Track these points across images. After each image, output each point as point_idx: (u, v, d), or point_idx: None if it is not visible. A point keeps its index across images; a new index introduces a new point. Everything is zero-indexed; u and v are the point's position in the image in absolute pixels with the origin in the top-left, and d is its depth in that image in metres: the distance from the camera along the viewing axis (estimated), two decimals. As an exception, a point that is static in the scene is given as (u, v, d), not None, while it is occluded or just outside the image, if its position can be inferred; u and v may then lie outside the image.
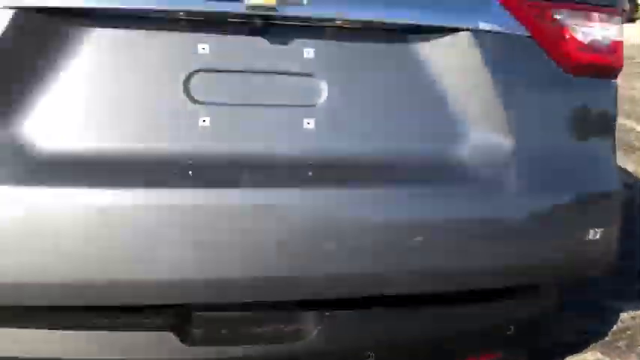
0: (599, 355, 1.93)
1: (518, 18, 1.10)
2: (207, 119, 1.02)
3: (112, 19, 1.00)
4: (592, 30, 1.15)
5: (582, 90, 1.17)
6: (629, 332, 2.10)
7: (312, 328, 1.13)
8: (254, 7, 0.96)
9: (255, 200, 0.95)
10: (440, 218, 1.03)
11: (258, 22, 1.01)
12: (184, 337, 1.05)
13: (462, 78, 1.11)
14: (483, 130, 1.11)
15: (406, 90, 1.12)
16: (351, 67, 1.10)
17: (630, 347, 2.00)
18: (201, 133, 1.01)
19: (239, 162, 1.01)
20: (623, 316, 2.21)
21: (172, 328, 1.05)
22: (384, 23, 1.09)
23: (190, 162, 0.98)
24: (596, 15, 1.16)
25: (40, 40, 0.96)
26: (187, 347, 1.04)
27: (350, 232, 0.98)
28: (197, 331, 1.08)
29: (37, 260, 0.89)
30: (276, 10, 0.97)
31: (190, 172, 0.97)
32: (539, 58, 1.13)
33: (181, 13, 0.99)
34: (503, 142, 1.11)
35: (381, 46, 1.11)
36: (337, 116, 1.08)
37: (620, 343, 2.01)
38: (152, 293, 0.94)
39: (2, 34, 0.92)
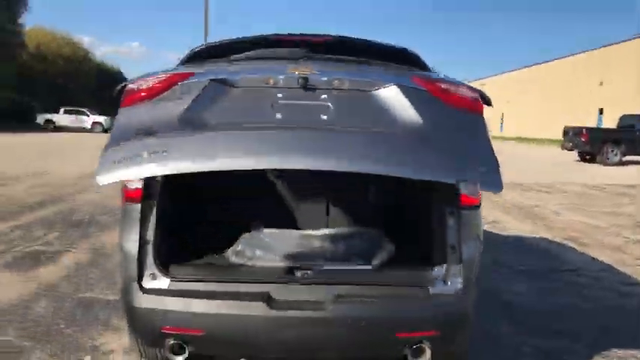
0: None
1: (418, 83, 2.47)
2: (280, 115, 2.36)
3: (244, 85, 2.44)
4: (465, 93, 2.50)
5: (458, 115, 2.44)
6: None
7: (330, 304, 2.32)
8: (299, 77, 2.37)
9: (302, 137, 2.26)
10: (381, 143, 2.28)
11: (302, 82, 2.38)
12: (269, 305, 2.30)
13: (394, 104, 2.41)
14: (406, 122, 2.37)
15: (368, 106, 2.44)
16: (342, 99, 2.42)
17: None
18: (279, 118, 2.35)
19: (295, 129, 2.29)
20: None
21: (264, 300, 2.31)
22: (352, 83, 2.45)
23: (275, 126, 2.32)
24: (463, 88, 2.50)
25: (215, 92, 2.40)
26: (270, 309, 2.29)
27: (335, 142, 2.27)
28: (274, 303, 2.32)
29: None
30: (308, 75, 2.38)
31: (278, 132, 2.29)
32: (433, 99, 2.44)
33: (272, 81, 2.41)
34: (416, 122, 2.36)
35: (355, 91, 2.46)
36: (335, 114, 2.37)
37: None
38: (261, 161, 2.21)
39: (204, 88, 2.40)
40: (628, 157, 21.56)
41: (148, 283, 2.39)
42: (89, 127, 38.91)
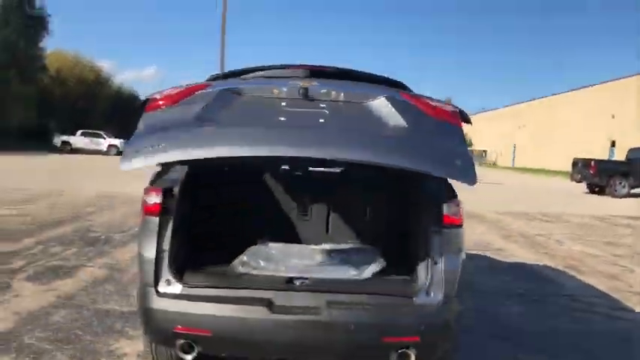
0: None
1: (405, 98, 2.83)
2: (284, 118, 2.68)
3: (252, 94, 2.82)
4: (443, 107, 2.83)
5: (438, 123, 2.76)
6: None
7: (324, 310, 2.58)
8: (301, 87, 2.72)
9: (299, 132, 2.61)
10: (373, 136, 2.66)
11: (302, 92, 2.73)
12: (270, 309, 2.58)
13: (382, 112, 2.75)
14: (394, 124, 2.68)
15: (361, 113, 2.78)
16: (339, 108, 2.76)
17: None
18: (283, 120, 2.69)
19: (292, 132, 2.61)
20: None
21: (266, 305, 2.59)
22: (346, 95, 2.80)
23: (277, 130, 2.63)
24: (443, 104, 2.87)
25: (227, 99, 2.75)
26: (271, 313, 2.57)
27: (330, 137, 2.60)
28: (275, 307, 2.59)
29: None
30: (308, 87, 2.73)
31: (279, 128, 2.64)
32: (417, 111, 2.77)
33: (276, 92, 2.77)
34: (401, 125, 2.67)
35: (349, 102, 2.81)
36: (331, 118, 2.67)
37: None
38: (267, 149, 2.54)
39: (217, 95, 2.76)
40: (637, 190, 21.60)
41: (163, 288, 2.68)
42: (105, 149, 39.58)
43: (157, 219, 2.75)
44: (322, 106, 2.69)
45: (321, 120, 2.66)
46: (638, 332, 4.56)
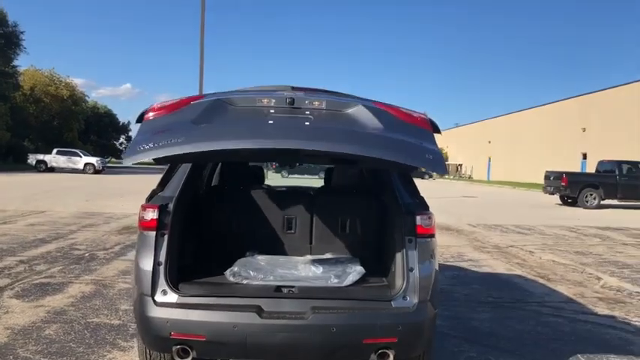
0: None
1: (379, 106, 3.01)
2: (271, 122, 2.78)
3: (244, 103, 2.99)
4: (414, 114, 3.05)
5: (410, 126, 2.94)
6: None
7: (309, 314, 2.81)
8: (287, 96, 2.92)
9: (288, 128, 2.77)
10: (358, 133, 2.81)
11: (289, 101, 2.91)
12: (259, 314, 2.82)
13: (361, 117, 2.91)
14: (372, 126, 2.84)
15: (342, 118, 2.93)
16: (321, 115, 2.91)
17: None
18: (271, 124, 2.77)
19: (282, 130, 2.75)
20: None
21: (256, 311, 2.82)
22: (328, 103, 2.99)
23: (267, 128, 2.76)
24: (412, 111, 3.07)
25: (220, 107, 2.92)
26: (260, 318, 2.81)
27: (315, 132, 2.78)
28: (264, 313, 2.82)
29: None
30: (294, 97, 2.93)
31: (268, 131, 2.74)
32: (391, 116, 2.95)
33: (265, 101, 2.92)
34: (379, 126, 2.83)
35: (330, 111, 2.97)
36: (315, 123, 2.81)
37: None
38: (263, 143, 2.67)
39: (211, 103, 2.94)
40: (608, 201, 22.26)
41: (159, 298, 2.89)
42: (81, 168, 39.24)
43: (153, 233, 2.98)
44: (307, 112, 2.91)
45: (307, 123, 2.88)
46: (600, 332, 4.88)
